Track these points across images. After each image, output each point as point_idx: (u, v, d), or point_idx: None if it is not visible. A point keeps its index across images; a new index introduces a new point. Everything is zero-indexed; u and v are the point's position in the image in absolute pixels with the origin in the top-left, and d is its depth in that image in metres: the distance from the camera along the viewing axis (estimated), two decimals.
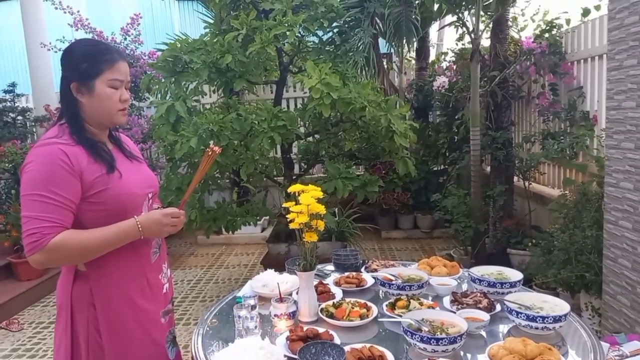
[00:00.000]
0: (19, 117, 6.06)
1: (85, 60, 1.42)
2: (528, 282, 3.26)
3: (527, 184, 4.29)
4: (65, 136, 1.40)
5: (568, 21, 4.13)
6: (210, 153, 1.57)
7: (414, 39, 4.48)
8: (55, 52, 5.69)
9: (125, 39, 5.73)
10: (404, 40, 4.10)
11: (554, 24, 4.15)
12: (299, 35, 3.74)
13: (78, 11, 5.69)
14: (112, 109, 1.46)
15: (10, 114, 5.96)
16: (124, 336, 1.45)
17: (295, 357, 1.32)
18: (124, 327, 1.45)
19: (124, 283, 1.47)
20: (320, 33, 3.96)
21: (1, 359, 3.30)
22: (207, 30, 4.12)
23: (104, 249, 1.40)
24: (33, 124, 6.14)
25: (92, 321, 1.43)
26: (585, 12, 3.75)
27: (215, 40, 3.71)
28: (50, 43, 5.67)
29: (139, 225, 1.42)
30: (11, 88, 5.97)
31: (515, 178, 4.53)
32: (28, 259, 1.32)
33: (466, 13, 4.22)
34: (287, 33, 3.49)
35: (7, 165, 4.76)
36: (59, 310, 1.48)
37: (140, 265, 1.51)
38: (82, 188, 1.37)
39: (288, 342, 1.47)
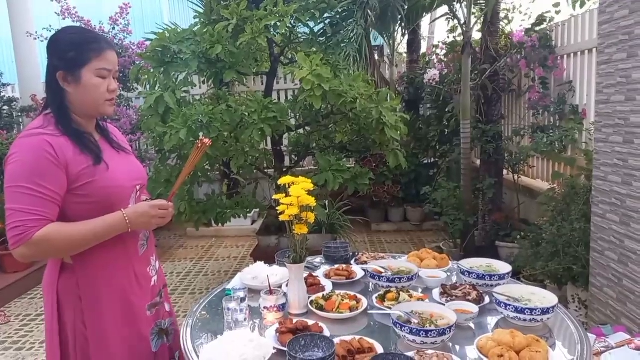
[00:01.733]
0: (5, 107, 5.96)
1: (72, 48, 1.38)
2: (516, 275, 3.29)
3: (516, 177, 4.32)
4: (50, 127, 1.37)
5: (558, 12, 4.14)
6: (200, 145, 1.55)
7: (399, 28, 4.47)
8: (42, 41, 5.58)
9: (114, 28, 5.64)
10: (391, 28, 4.08)
11: (545, 18, 4.16)
12: (290, 25, 3.71)
13: (65, 0, 5.59)
14: (99, 99, 1.42)
15: None
16: (107, 327, 1.43)
17: (285, 349, 1.32)
18: (108, 319, 1.43)
19: (111, 276, 1.45)
20: (311, 24, 3.94)
21: None
22: (197, 20, 4.08)
23: (91, 242, 1.37)
24: (19, 114, 6.05)
25: (78, 313, 1.41)
26: (581, 2, 3.74)
27: (205, 30, 3.67)
28: (36, 32, 5.57)
29: (127, 218, 1.40)
30: None
31: (505, 171, 4.56)
32: (12, 252, 1.29)
33: (458, 5, 4.21)
34: (278, 24, 3.47)
35: None
36: (46, 303, 1.46)
37: (128, 258, 1.49)
38: (67, 180, 1.34)
39: (277, 334, 1.46)
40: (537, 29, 4.16)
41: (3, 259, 4.37)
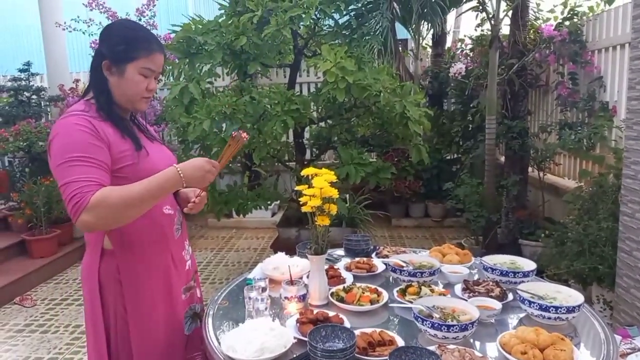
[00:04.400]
0: (34, 96, 6.09)
1: (123, 43, 1.40)
2: (539, 274, 3.22)
3: (541, 174, 4.23)
4: (92, 111, 1.39)
5: (591, 8, 4.04)
6: (237, 138, 1.50)
7: (440, 21, 4.42)
8: (70, 31, 5.70)
9: (140, 20, 5.71)
10: (428, 23, 4.02)
11: (576, 12, 4.06)
12: (315, 17, 3.70)
13: None
14: (136, 95, 1.45)
15: (25, 92, 5.99)
16: (146, 311, 1.46)
17: (305, 339, 1.32)
18: (147, 303, 1.46)
19: (150, 260, 1.47)
20: (336, 16, 3.91)
21: (15, 333, 3.36)
22: (222, 11, 4.09)
23: (147, 200, 1.33)
24: (47, 103, 6.18)
25: (119, 297, 1.43)
26: (610, 0, 3.64)
27: (230, 22, 3.69)
28: (65, 23, 5.67)
29: (180, 172, 1.36)
30: (26, 67, 6.00)
31: (530, 168, 4.48)
32: (76, 224, 1.28)
33: None
34: (303, 15, 3.45)
35: (21, 143, 4.81)
36: (86, 289, 1.47)
37: (165, 242, 1.51)
38: (110, 158, 1.36)
39: (298, 324, 1.46)
40: (568, 23, 4.06)
41: (31, 244, 4.48)
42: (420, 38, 5.89)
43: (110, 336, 1.45)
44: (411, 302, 1.57)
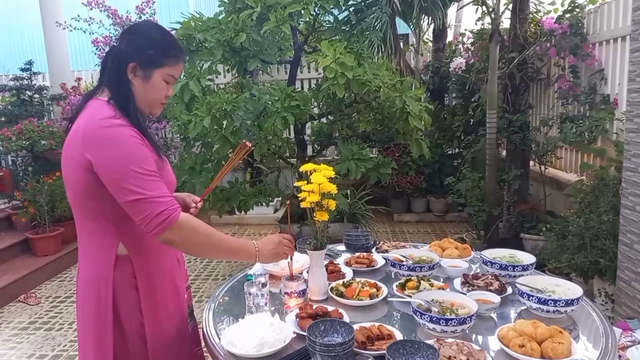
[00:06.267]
0: (36, 95, 6.11)
1: (154, 47, 1.38)
2: (541, 267, 3.23)
3: (543, 168, 4.23)
4: (123, 118, 1.33)
5: (592, 1, 4.01)
6: (242, 147, 1.54)
7: (441, 15, 4.41)
8: (71, 30, 5.71)
9: (140, 17, 5.72)
10: (429, 18, 4.02)
11: (577, 4, 4.04)
12: (314, 13, 3.69)
13: None
14: (156, 100, 1.44)
15: (27, 92, 6.02)
16: (162, 313, 1.45)
17: (304, 333, 1.33)
18: (161, 304, 1.45)
19: (163, 263, 1.47)
20: (335, 11, 3.91)
21: (19, 331, 3.39)
22: (222, 8, 4.09)
23: (221, 251, 1.45)
24: (50, 102, 6.20)
25: (135, 303, 1.40)
26: None
27: (229, 19, 3.69)
28: (65, 22, 5.69)
29: (256, 246, 1.48)
30: (28, 66, 6.02)
31: (531, 162, 4.47)
32: (159, 238, 1.30)
33: None
34: (302, 11, 3.45)
35: (24, 142, 4.83)
36: (95, 299, 1.38)
37: None
38: None
39: (297, 319, 1.47)
40: (568, 15, 4.04)
41: (34, 242, 4.51)
42: (421, 32, 5.88)
43: (126, 340, 1.41)
44: (410, 297, 1.58)
